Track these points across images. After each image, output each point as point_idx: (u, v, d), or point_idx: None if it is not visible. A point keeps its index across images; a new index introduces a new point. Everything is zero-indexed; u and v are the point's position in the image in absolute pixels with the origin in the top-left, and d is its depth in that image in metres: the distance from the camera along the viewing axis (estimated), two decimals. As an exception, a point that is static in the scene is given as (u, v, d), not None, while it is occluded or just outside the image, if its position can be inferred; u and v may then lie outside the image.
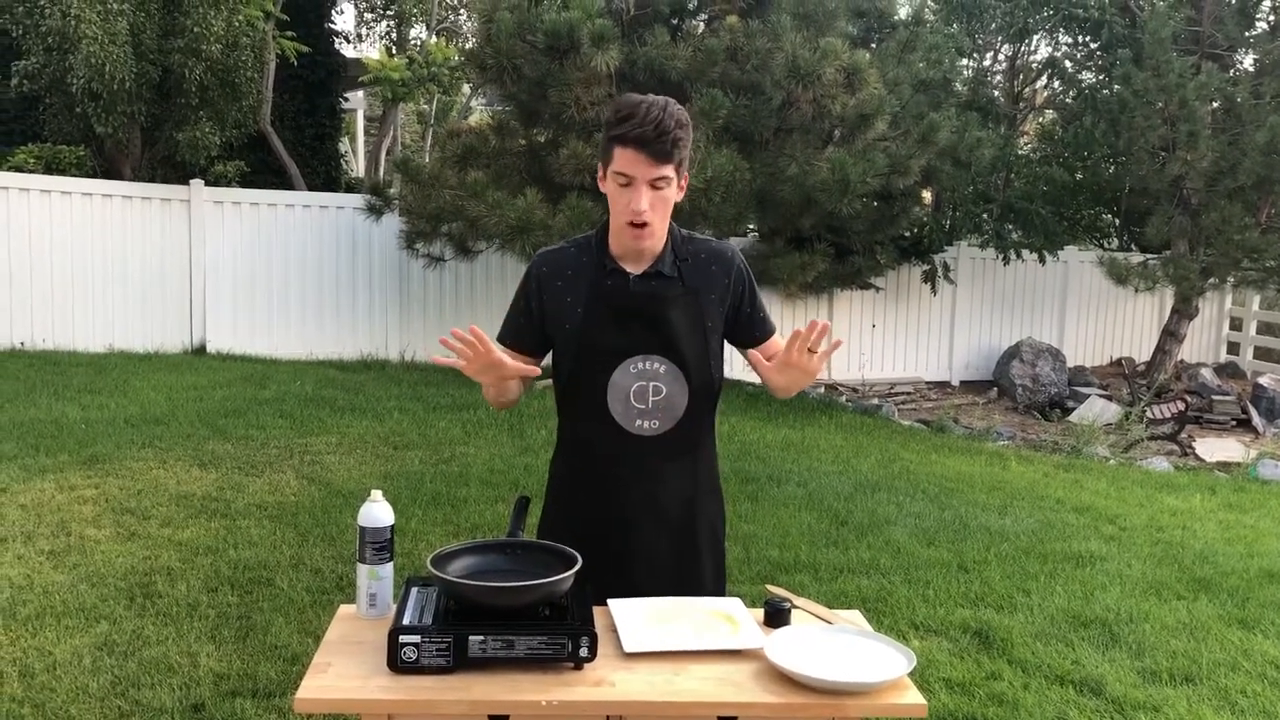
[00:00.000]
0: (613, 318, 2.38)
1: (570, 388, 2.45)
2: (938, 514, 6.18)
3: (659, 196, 2.30)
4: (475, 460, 6.68)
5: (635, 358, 2.38)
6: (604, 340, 2.39)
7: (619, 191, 2.31)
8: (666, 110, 2.25)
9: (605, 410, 2.40)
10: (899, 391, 11.81)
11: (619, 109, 2.28)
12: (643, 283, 2.39)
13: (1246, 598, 5.02)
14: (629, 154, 2.26)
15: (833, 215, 9.11)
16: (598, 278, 2.40)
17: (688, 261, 2.43)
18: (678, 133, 2.26)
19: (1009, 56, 14.80)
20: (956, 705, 3.70)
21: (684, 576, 2.43)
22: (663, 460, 2.43)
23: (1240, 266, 11.40)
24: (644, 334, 2.38)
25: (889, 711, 1.96)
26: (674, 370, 2.40)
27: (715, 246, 2.48)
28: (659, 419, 2.41)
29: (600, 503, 2.44)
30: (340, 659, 2.01)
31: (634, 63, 8.56)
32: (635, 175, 2.27)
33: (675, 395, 2.41)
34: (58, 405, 7.48)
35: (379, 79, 13.87)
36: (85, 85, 9.53)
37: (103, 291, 9.89)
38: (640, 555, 2.43)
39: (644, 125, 2.23)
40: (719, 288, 2.44)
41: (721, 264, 2.45)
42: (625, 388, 2.39)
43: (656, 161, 2.25)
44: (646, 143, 2.24)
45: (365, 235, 10.52)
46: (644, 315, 2.38)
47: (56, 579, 4.46)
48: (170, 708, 3.43)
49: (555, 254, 2.47)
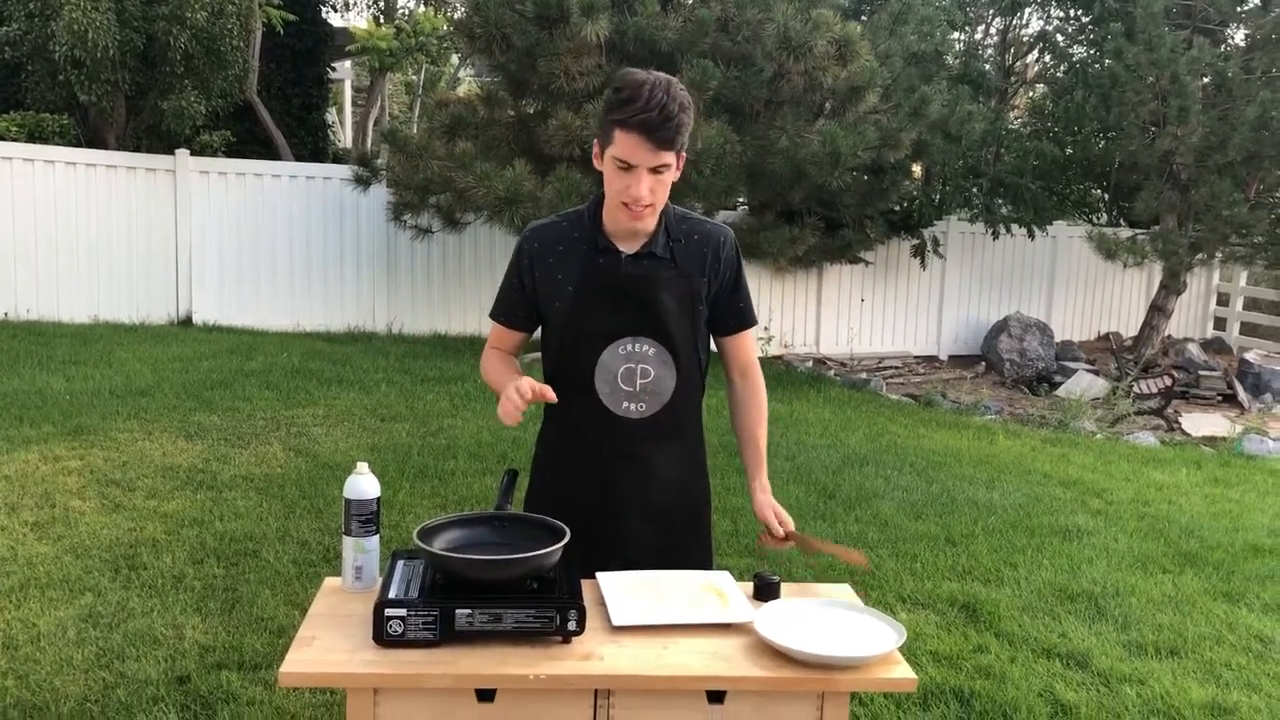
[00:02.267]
0: (604, 298, 2.35)
1: (558, 367, 2.43)
2: (925, 488, 6.19)
3: (659, 181, 2.25)
4: (463, 433, 6.65)
5: (625, 339, 2.35)
6: (594, 320, 2.36)
7: (617, 175, 2.24)
8: (670, 93, 2.16)
9: (592, 390, 2.37)
10: (887, 366, 11.81)
11: (621, 89, 2.19)
12: (635, 263, 2.35)
13: (1231, 571, 5.04)
14: (631, 139, 2.18)
15: (823, 188, 9.07)
16: (590, 255, 2.35)
17: (680, 242, 2.39)
18: (681, 117, 2.19)
19: (1000, 30, 14.73)
20: (944, 678, 3.71)
21: (670, 560, 2.40)
22: (650, 444, 2.41)
23: (1228, 242, 11.42)
24: (635, 315, 2.35)
25: (879, 686, 1.96)
26: (663, 353, 2.37)
27: (708, 228, 2.44)
28: (646, 402, 2.38)
29: (588, 485, 2.42)
30: (326, 632, 1.99)
31: (624, 33, 8.48)
32: (637, 162, 2.20)
33: (664, 378, 2.38)
34: (42, 376, 7.42)
35: (366, 48, 13.76)
36: (68, 52, 9.41)
37: (87, 262, 9.80)
38: (629, 537, 2.41)
39: (648, 110, 2.14)
40: (709, 270, 2.40)
41: (712, 246, 2.41)
42: (613, 369, 2.37)
43: (659, 148, 2.19)
44: (650, 129, 2.16)
45: (352, 206, 10.44)
46: (635, 296, 2.35)
47: (40, 550, 4.43)
48: (155, 680, 3.41)
49: (547, 228, 2.42)
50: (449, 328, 10.84)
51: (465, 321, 10.91)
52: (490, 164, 8.36)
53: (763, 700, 1.93)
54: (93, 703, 3.27)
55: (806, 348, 11.98)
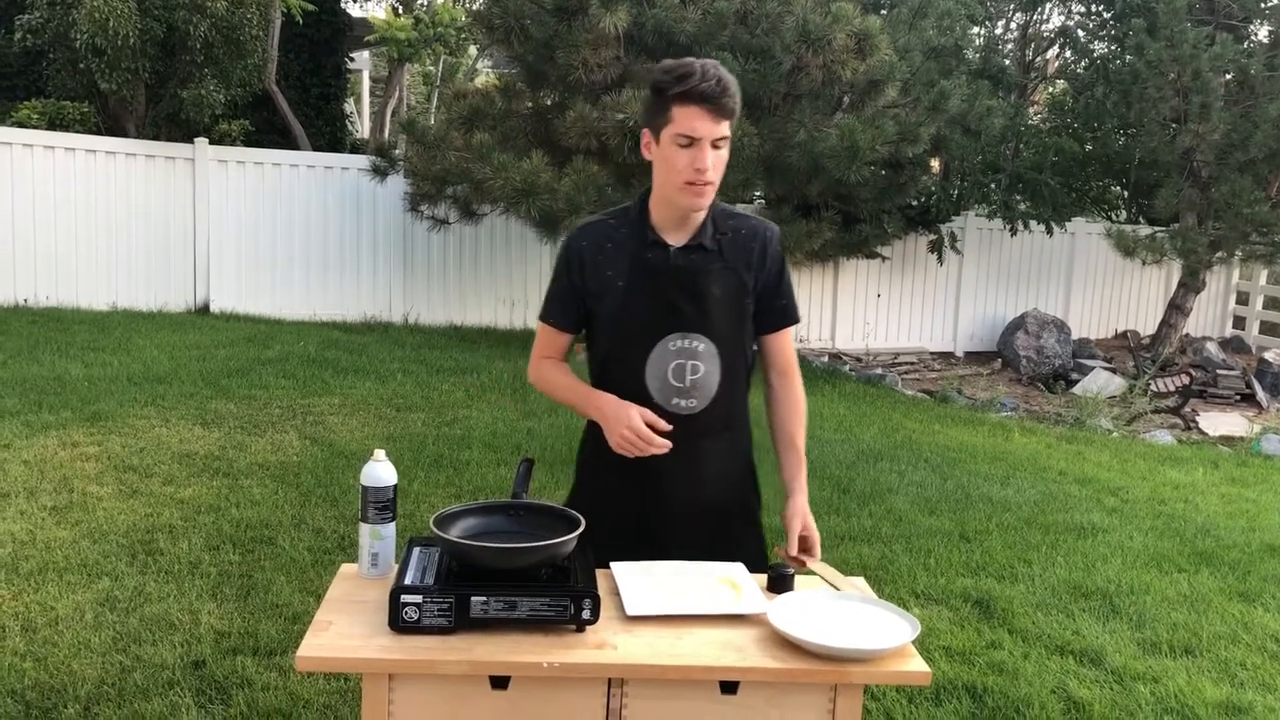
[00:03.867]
0: (654, 292, 2.34)
1: (607, 363, 2.42)
2: (940, 483, 6.18)
3: (718, 156, 2.26)
4: (478, 423, 6.67)
5: (675, 335, 2.34)
6: (644, 316, 2.35)
7: (678, 153, 2.24)
8: (719, 69, 2.23)
9: (643, 387, 2.36)
10: (903, 361, 11.78)
11: (672, 70, 2.23)
12: (684, 255, 2.35)
13: (1247, 571, 5.02)
14: (692, 110, 2.20)
15: (840, 183, 9.04)
16: (639, 250, 2.35)
17: (726, 235, 2.39)
18: (734, 89, 2.24)
19: (1021, 25, 14.65)
20: (956, 673, 3.70)
21: (722, 557, 2.34)
22: (701, 439, 2.39)
23: (1249, 240, 11.33)
24: (685, 310, 2.34)
25: (893, 679, 1.96)
26: (712, 348, 2.36)
27: (755, 224, 2.44)
28: (695, 398, 2.37)
29: (639, 482, 2.39)
30: (342, 618, 2.00)
31: (642, 25, 8.47)
32: (700, 134, 2.21)
33: (712, 374, 2.37)
34: (61, 362, 7.47)
35: (385, 39, 13.76)
36: (89, 40, 9.45)
37: (106, 249, 9.85)
38: (679, 534, 2.39)
39: (706, 80, 2.19)
40: (755, 265, 2.40)
41: (759, 241, 2.41)
42: (664, 365, 2.35)
43: (719, 118, 2.22)
44: (711, 98, 2.19)
45: (370, 196, 10.46)
46: (685, 290, 2.34)
47: (59, 535, 4.46)
48: (171, 664, 3.43)
49: (594, 227, 2.42)
50: (465, 319, 10.86)
51: (481, 313, 10.92)
52: (508, 155, 8.36)
53: (775, 692, 1.93)
54: (109, 686, 3.29)
55: (822, 342, 11.96)
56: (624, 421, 2.26)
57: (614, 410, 2.29)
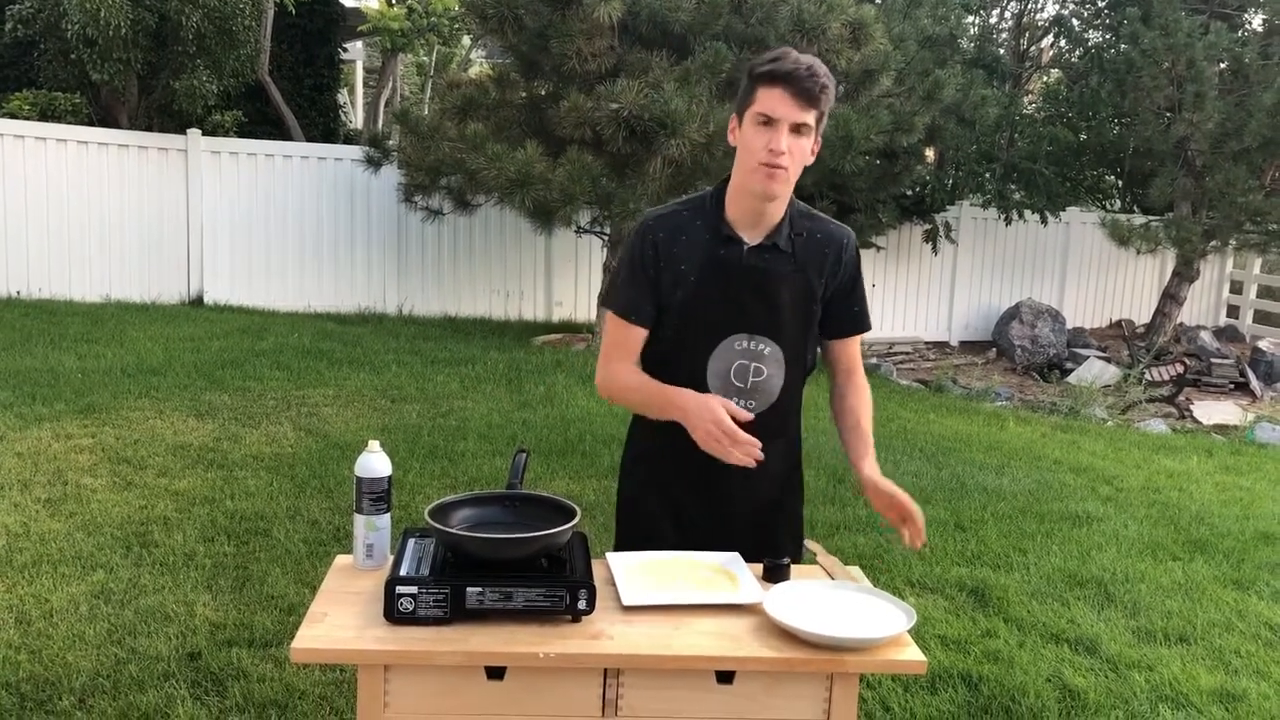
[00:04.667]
0: (724, 289, 2.29)
1: (668, 358, 2.36)
2: (935, 473, 6.18)
3: (797, 144, 2.19)
4: (473, 414, 6.66)
5: (741, 335, 2.31)
6: (712, 313, 2.30)
7: (756, 132, 2.19)
8: (814, 60, 2.19)
9: (703, 385, 2.32)
10: (898, 351, 11.79)
11: (766, 56, 2.21)
12: (757, 254, 2.29)
13: (1241, 559, 5.03)
14: (775, 92, 2.16)
15: (835, 173, 9.04)
16: (713, 244, 2.29)
17: (801, 236, 2.32)
18: (825, 80, 2.18)
19: (1015, 14, 14.64)
20: (952, 662, 3.71)
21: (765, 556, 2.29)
22: (759, 440, 2.31)
23: (1242, 229, 11.36)
24: (753, 310, 2.30)
25: (889, 668, 1.95)
26: (777, 352, 2.33)
27: (831, 228, 2.38)
28: (755, 400, 2.34)
29: (694, 482, 2.38)
30: (336, 609, 2.00)
31: (637, 14, 8.45)
32: (780, 115, 2.16)
33: (774, 378, 2.35)
34: (54, 354, 7.45)
35: (378, 29, 13.73)
36: (80, 31, 9.41)
37: (99, 241, 9.82)
38: (732, 534, 2.35)
39: (796, 64, 2.16)
40: (826, 271, 2.35)
41: (833, 247, 2.35)
42: (727, 365, 2.32)
43: (802, 103, 2.16)
44: (796, 80, 2.15)
45: (364, 187, 10.44)
46: (757, 291, 2.29)
47: (53, 527, 4.45)
48: (166, 656, 3.43)
49: (669, 217, 2.34)
50: (459, 310, 10.84)
51: (476, 304, 10.91)
52: (502, 145, 8.35)
53: (772, 681, 1.93)
54: (104, 678, 3.29)
55: (817, 332, 11.95)
56: (707, 416, 2.17)
57: (696, 406, 2.21)
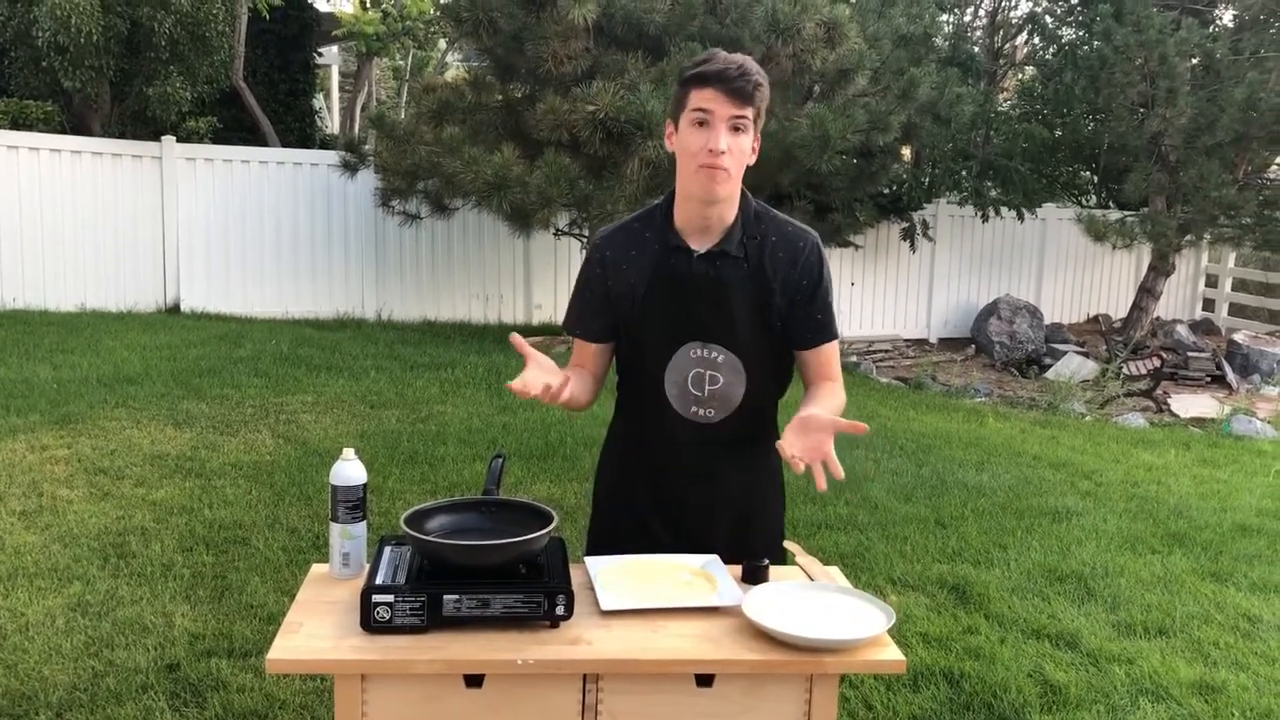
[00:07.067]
0: (672, 299, 2.27)
1: (629, 367, 2.38)
2: (915, 470, 6.20)
3: (736, 142, 2.17)
4: (453, 419, 6.64)
5: (694, 344, 2.29)
6: (663, 322, 2.29)
7: (693, 134, 2.17)
8: (745, 58, 2.18)
9: (661, 393, 2.32)
10: (877, 349, 11.83)
11: (695, 59, 2.21)
12: (705, 263, 2.26)
13: (1219, 551, 5.06)
14: (708, 92, 2.14)
15: (812, 172, 9.05)
16: (661, 254, 2.28)
17: (756, 240, 2.28)
18: (758, 78, 2.16)
19: (989, 12, 14.70)
20: (934, 659, 3.72)
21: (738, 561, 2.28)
22: (720, 448, 2.35)
23: (1217, 223, 11.44)
24: (704, 319, 2.27)
25: (868, 668, 1.96)
26: (733, 360, 2.29)
27: (789, 231, 2.33)
28: (714, 408, 2.32)
29: (657, 486, 2.38)
30: (312, 619, 1.98)
31: (611, 16, 8.44)
32: (713, 107, 2.15)
33: (733, 384, 2.31)
34: (29, 365, 7.38)
35: (353, 33, 13.68)
36: (51, 38, 9.33)
37: (73, 250, 9.74)
38: (696, 538, 2.34)
39: (726, 65, 2.14)
40: (781, 276, 2.28)
41: (789, 252, 2.29)
42: (683, 373, 2.31)
43: (736, 100, 2.14)
44: (727, 79, 2.13)
45: (340, 192, 10.39)
46: (706, 299, 2.26)
47: (28, 540, 4.41)
48: (145, 668, 3.40)
49: (618, 233, 2.35)
50: (438, 314, 10.81)
51: (455, 308, 10.88)
52: (478, 149, 8.33)
53: (751, 683, 1.93)
54: (82, 691, 3.26)
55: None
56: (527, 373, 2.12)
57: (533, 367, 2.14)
